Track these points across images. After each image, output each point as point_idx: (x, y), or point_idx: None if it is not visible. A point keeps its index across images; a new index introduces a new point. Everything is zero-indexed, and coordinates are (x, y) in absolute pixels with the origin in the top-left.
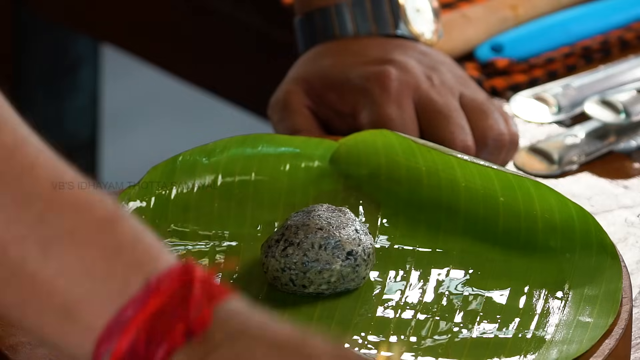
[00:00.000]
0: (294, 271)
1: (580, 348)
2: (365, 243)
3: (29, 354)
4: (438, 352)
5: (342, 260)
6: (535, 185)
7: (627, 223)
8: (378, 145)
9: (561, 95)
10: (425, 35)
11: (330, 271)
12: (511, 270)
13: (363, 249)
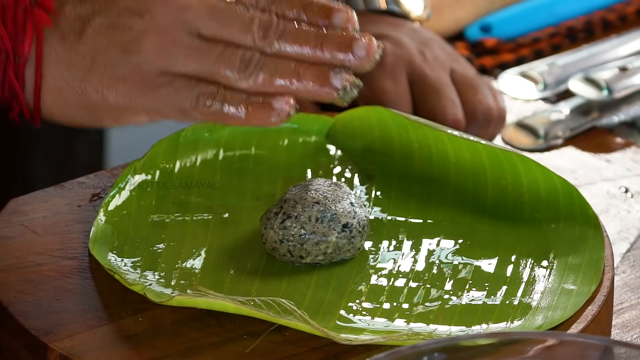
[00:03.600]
0: (292, 243)
1: (565, 314)
2: (360, 215)
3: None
4: (429, 318)
5: (338, 232)
6: (522, 159)
7: (609, 195)
8: (372, 121)
9: (547, 73)
10: (414, 12)
11: (326, 243)
12: (499, 240)
13: (358, 221)
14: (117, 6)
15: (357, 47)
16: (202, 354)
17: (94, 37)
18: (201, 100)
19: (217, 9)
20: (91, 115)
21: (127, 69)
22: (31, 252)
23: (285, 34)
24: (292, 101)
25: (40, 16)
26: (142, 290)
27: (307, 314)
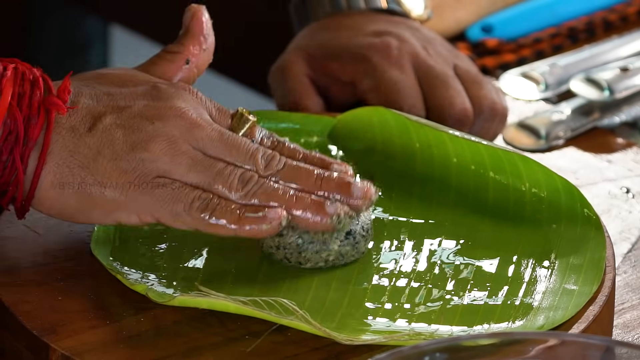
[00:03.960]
0: (289, 250)
1: (566, 314)
2: (364, 219)
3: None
4: (431, 318)
5: (341, 240)
6: (523, 159)
7: (611, 195)
8: (373, 122)
9: (548, 74)
10: (415, 11)
11: (328, 251)
12: (500, 240)
13: (362, 225)
14: (130, 110)
15: (355, 189)
16: (204, 354)
17: (103, 132)
18: (194, 206)
19: (226, 134)
20: (84, 207)
21: (131, 164)
22: (33, 252)
23: (287, 168)
24: (284, 212)
25: (56, 103)
26: (144, 291)
27: (309, 314)
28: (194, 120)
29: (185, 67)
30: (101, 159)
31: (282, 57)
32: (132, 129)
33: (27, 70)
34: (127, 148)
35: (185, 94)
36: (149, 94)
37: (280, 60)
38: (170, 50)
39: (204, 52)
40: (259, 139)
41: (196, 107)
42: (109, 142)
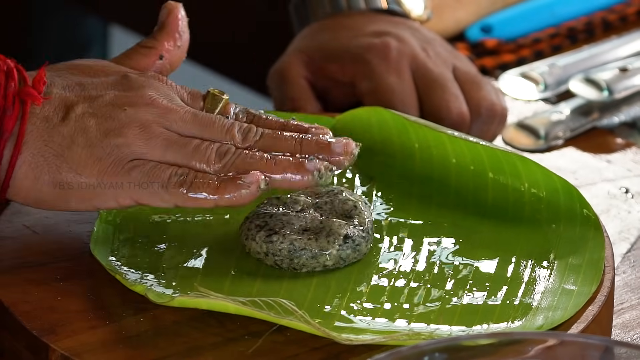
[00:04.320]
0: (279, 257)
1: (565, 314)
2: (363, 219)
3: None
4: (430, 318)
5: (340, 244)
6: (522, 159)
7: (610, 195)
8: (372, 122)
9: (547, 74)
10: (415, 12)
11: (325, 256)
12: (499, 240)
13: (362, 227)
14: (102, 99)
15: (334, 146)
16: (204, 354)
17: (76, 121)
18: (172, 182)
19: (200, 114)
20: (60, 196)
21: (105, 150)
22: (33, 252)
23: (265, 137)
24: (261, 175)
25: (31, 94)
26: (143, 291)
27: (308, 314)
28: (165, 106)
29: (158, 62)
30: (75, 147)
31: (281, 59)
32: (105, 117)
33: (1, 61)
34: (100, 135)
35: (155, 82)
36: (119, 84)
37: (279, 62)
38: (145, 44)
39: (177, 49)
40: (234, 116)
41: (167, 94)
42: (83, 131)
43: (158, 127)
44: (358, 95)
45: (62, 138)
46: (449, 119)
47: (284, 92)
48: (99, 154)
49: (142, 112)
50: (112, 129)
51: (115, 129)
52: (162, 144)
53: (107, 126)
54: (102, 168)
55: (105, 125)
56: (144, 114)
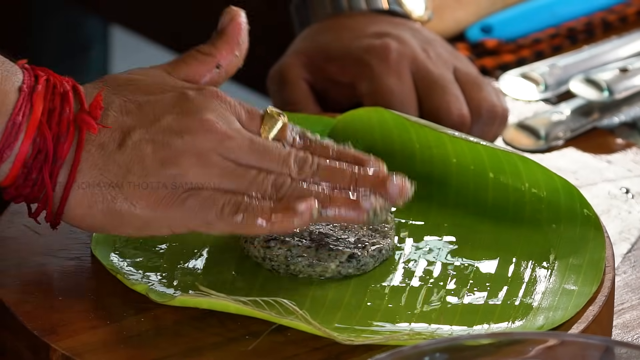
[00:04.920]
0: (276, 263)
1: (566, 314)
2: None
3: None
4: (431, 318)
5: (341, 261)
6: (523, 160)
7: (610, 196)
8: (373, 122)
9: (547, 74)
10: (415, 13)
11: (323, 267)
12: (500, 240)
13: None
14: (159, 124)
15: (391, 186)
16: (204, 354)
17: (133, 149)
18: (226, 211)
19: (257, 142)
20: (114, 224)
21: (161, 180)
22: (33, 252)
23: (321, 169)
24: (315, 203)
25: (87, 121)
26: (144, 291)
27: (309, 314)
28: (223, 132)
29: (214, 71)
30: (131, 176)
31: (281, 60)
32: (162, 144)
33: (59, 82)
34: (156, 164)
35: (213, 103)
36: (177, 105)
37: (279, 63)
38: (203, 51)
39: (235, 58)
40: (291, 140)
41: (225, 116)
42: (139, 159)
43: (215, 156)
44: (358, 97)
45: (118, 167)
46: (450, 120)
47: (283, 93)
48: (155, 185)
49: (199, 140)
50: (169, 157)
51: (172, 158)
52: (218, 174)
53: (164, 155)
54: (157, 199)
55: (162, 154)
56: (202, 141)
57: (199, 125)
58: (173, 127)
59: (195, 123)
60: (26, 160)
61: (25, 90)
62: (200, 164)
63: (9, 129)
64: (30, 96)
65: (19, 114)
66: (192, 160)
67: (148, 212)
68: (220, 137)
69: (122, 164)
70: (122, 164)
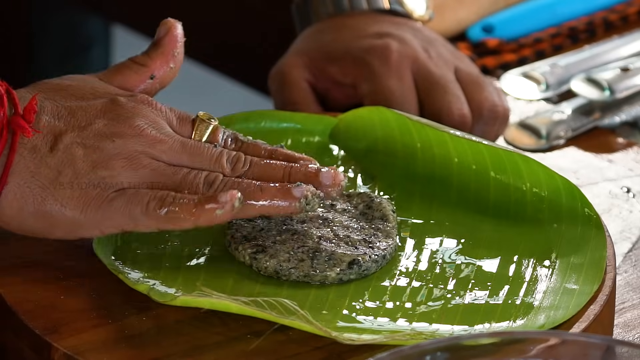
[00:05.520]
0: (265, 272)
1: (567, 313)
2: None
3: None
4: (432, 317)
5: (342, 269)
6: (524, 159)
7: (611, 195)
8: (375, 122)
9: (549, 74)
10: (417, 12)
11: (322, 275)
12: (501, 240)
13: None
14: (91, 128)
15: (323, 177)
16: (206, 353)
17: (64, 152)
18: (151, 206)
19: (188, 144)
20: (44, 226)
21: (91, 182)
22: (35, 251)
23: (253, 166)
24: (237, 193)
25: (21, 125)
26: (146, 290)
27: (310, 314)
28: (154, 137)
29: (148, 82)
30: (62, 178)
31: (282, 60)
32: (93, 148)
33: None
34: (87, 167)
35: (144, 109)
36: (108, 111)
37: (280, 64)
38: (137, 61)
39: (170, 70)
40: (222, 142)
41: (156, 121)
42: (70, 162)
43: (146, 158)
44: (359, 97)
45: (49, 170)
46: (451, 120)
47: (284, 93)
48: (85, 187)
49: (130, 144)
50: (100, 161)
51: (103, 161)
52: (149, 175)
53: (95, 158)
54: (87, 200)
55: (93, 157)
56: (132, 144)
57: (130, 130)
58: (104, 132)
59: (126, 128)
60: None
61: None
62: (131, 166)
63: None
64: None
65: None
66: (123, 162)
67: (77, 213)
68: (150, 141)
69: (54, 167)
70: (53, 167)
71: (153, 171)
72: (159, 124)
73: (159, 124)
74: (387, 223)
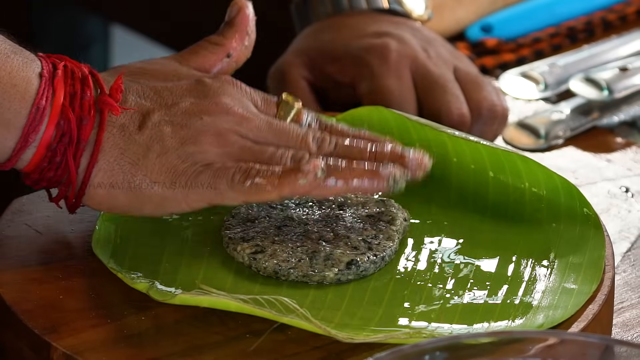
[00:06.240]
0: (264, 272)
1: (565, 313)
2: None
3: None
4: (431, 316)
5: (340, 269)
6: (523, 159)
7: (610, 195)
8: (374, 121)
9: (547, 73)
10: (416, 12)
11: (320, 276)
12: (500, 239)
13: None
14: (178, 106)
15: (410, 159)
16: (205, 352)
17: (152, 129)
18: (236, 178)
19: (275, 123)
20: (134, 203)
21: (180, 158)
22: (34, 251)
23: (339, 147)
24: (319, 162)
25: (109, 103)
26: (145, 289)
27: (309, 313)
28: (241, 115)
29: (225, 60)
30: (151, 154)
31: (281, 59)
32: (181, 125)
33: (76, 67)
34: (176, 143)
35: (230, 88)
36: (195, 90)
37: (280, 62)
38: (213, 41)
39: (245, 48)
40: (307, 124)
41: (242, 101)
42: (159, 139)
43: (234, 135)
44: (358, 96)
45: (138, 146)
46: (450, 120)
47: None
48: (174, 162)
49: (218, 121)
50: (188, 137)
51: (191, 137)
52: (237, 152)
53: (183, 134)
54: (175, 174)
55: (182, 134)
56: (221, 122)
57: (217, 108)
58: (192, 110)
59: (213, 106)
60: (50, 143)
61: (46, 76)
62: (219, 143)
63: (33, 114)
64: (52, 81)
65: (42, 98)
66: (211, 139)
67: (166, 190)
68: (238, 119)
69: (142, 144)
70: (142, 144)
71: (240, 148)
72: (244, 103)
73: (245, 103)
74: (392, 226)
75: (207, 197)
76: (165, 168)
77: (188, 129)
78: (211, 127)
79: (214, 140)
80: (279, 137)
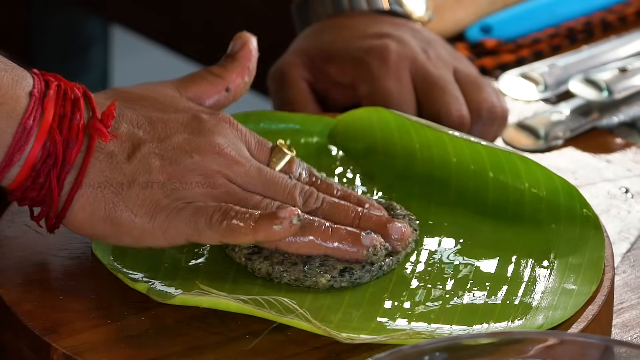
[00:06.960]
0: (259, 273)
1: (565, 314)
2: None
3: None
4: (430, 317)
5: (333, 276)
6: (523, 160)
7: (610, 195)
8: (374, 122)
9: (547, 74)
10: (416, 13)
11: (312, 281)
12: (500, 240)
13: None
14: (170, 140)
15: (392, 229)
16: (205, 353)
17: (141, 161)
18: (214, 218)
19: (264, 171)
20: (112, 232)
21: (164, 193)
22: (34, 251)
23: (325, 205)
24: (297, 210)
25: (99, 128)
26: (145, 290)
27: (309, 313)
28: (232, 158)
29: (223, 94)
30: (135, 186)
31: (281, 59)
32: (170, 161)
33: (69, 88)
34: (162, 178)
35: (225, 128)
36: (189, 125)
37: (279, 63)
38: (214, 72)
39: (244, 84)
40: (297, 175)
41: (235, 142)
42: (146, 171)
43: (221, 178)
44: (358, 98)
45: (124, 176)
46: (450, 121)
47: (283, 93)
48: (157, 196)
49: (208, 161)
50: (176, 174)
51: (179, 175)
52: (222, 195)
53: (171, 170)
54: (156, 209)
55: (169, 169)
56: (210, 162)
57: (209, 147)
58: (183, 146)
59: (206, 145)
60: (35, 163)
61: (36, 95)
62: (206, 184)
63: (19, 133)
64: (42, 101)
65: (30, 117)
66: (198, 178)
67: (146, 221)
68: (228, 161)
69: (129, 174)
70: (128, 174)
71: (226, 192)
72: (237, 145)
73: (238, 146)
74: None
75: (185, 233)
76: (148, 201)
77: (177, 165)
78: (200, 167)
79: (201, 180)
80: (267, 187)
